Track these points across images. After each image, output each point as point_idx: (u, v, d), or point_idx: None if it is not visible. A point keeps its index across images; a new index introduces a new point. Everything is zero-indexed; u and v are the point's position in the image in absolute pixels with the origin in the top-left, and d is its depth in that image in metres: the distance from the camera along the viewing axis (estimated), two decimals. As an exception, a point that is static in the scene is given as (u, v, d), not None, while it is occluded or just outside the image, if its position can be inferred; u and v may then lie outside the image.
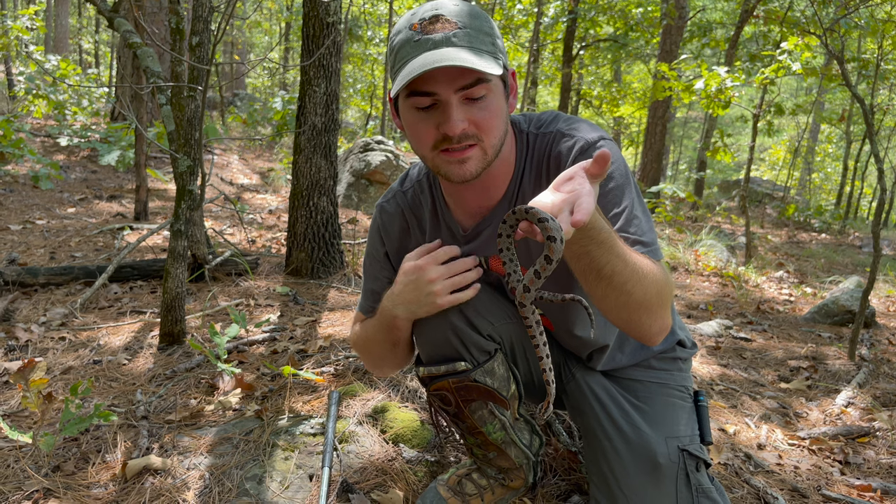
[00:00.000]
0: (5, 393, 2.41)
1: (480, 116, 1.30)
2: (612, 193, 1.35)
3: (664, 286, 1.29)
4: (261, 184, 8.74)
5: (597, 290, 1.25)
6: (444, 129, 1.29)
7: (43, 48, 12.19)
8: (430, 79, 1.26)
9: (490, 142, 1.33)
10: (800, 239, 10.44)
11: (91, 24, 22.58)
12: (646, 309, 1.28)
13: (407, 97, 1.32)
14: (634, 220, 1.34)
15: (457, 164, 1.33)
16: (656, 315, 1.31)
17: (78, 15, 22.07)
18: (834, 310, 4.38)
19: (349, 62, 18.02)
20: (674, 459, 1.48)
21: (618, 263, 1.19)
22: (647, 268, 1.25)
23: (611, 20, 13.81)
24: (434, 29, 1.27)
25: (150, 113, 7.89)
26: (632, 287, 1.22)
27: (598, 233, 1.15)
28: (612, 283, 1.21)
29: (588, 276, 1.22)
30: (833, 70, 5.97)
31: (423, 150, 1.36)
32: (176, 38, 2.86)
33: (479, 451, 1.70)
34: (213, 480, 1.80)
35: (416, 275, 1.41)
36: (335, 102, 4.00)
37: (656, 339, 1.36)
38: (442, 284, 1.39)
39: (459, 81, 1.26)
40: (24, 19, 10.67)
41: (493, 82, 1.30)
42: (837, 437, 2.44)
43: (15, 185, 6.51)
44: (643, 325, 1.32)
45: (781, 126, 18.87)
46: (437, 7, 1.30)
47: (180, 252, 2.80)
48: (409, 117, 1.35)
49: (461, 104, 1.28)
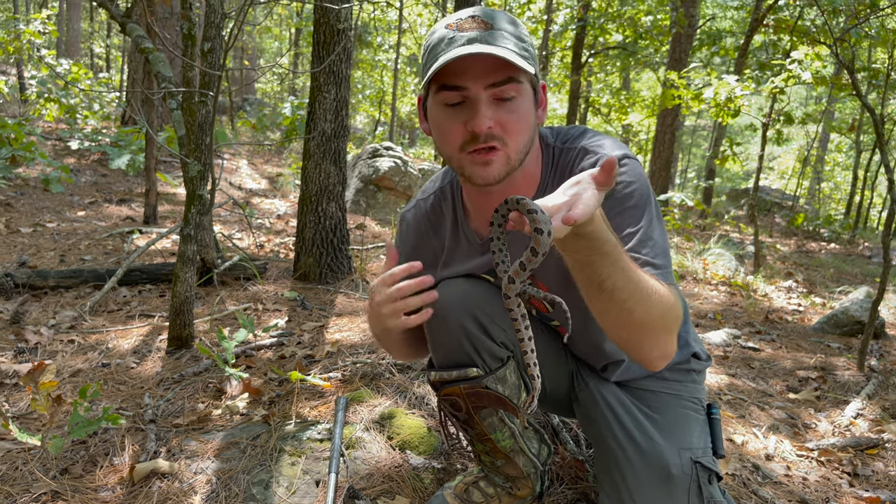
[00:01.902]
0: (15, 395, 2.42)
1: (508, 118, 1.29)
2: (629, 212, 1.33)
3: (670, 310, 1.26)
4: (270, 189, 8.77)
5: (597, 304, 1.23)
6: (472, 126, 1.28)
7: (55, 52, 12.28)
8: (461, 72, 1.26)
9: (514, 147, 1.32)
10: (809, 248, 10.39)
11: (103, 28, 22.75)
12: (647, 330, 1.25)
13: (437, 93, 1.32)
14: (648, 242, 1.32)
15: (481, 166, 1.32)
16: (658, 339, 1.28)
17: (90, 19, 22.24)
18: (843, 320, 4.35)
19: (358, 68, 18.09)
20: (686, 471, 1.47)
21: (620, 278, 1.17)
22: (653, 289, 1.22)
23: (620, 28, 13.82)
24: (470, 27, 1.28)
25: (161, 117, 7.94)
26: (633, 305, 1.19)
27: (602, 244, 1.13)
28: (613, 298, 1.18)
29: (589, 287, 1.21)
30: (843, 79, 5.94)
31: (450, 150, 1.35)
32: (188, 44, 2.88)
33: (487, 459, 1.70)
34: (220, 485, 1.81)
35: (370, 295, 1.40)
36: (345, 108, 4.01)
37: (657, 363, 1.33)
38: (388, 308, 1.35)
39: (490, 78, 1.27)
40: (37, 23, 10.75)
41: (523, 85, 1.30)
42: (846, 449, 2.43)
43: (26, 188, 6.55)
44: (643, 347, 1.29)
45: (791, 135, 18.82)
46: (474, 11, 1.32)
47: (189, 256, 2.81)
48: (436, 115, 1.35)
49: (490, 103, 1.28)
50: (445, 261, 1.62)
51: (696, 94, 6.69)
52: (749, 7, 12.61)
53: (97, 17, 22.40)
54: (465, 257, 1.58)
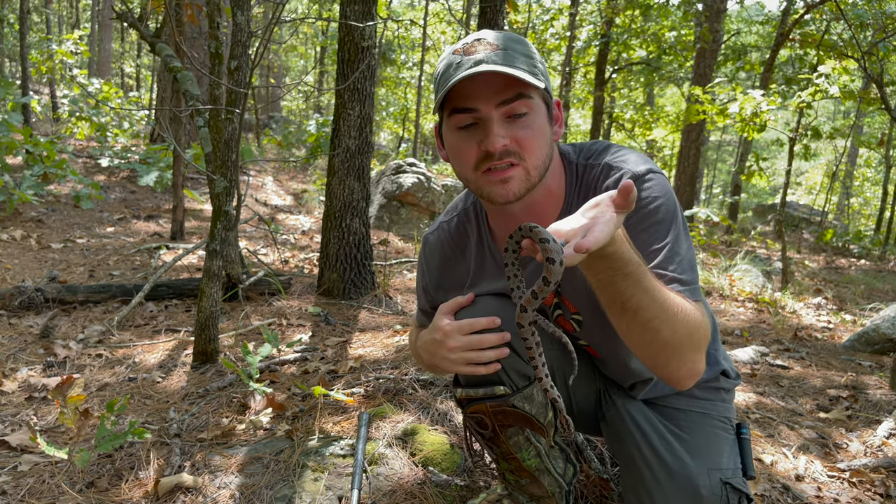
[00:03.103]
0: (43, 409, 2.45)
1: (522, 135, 1.29)
2: (655, 228, 1.32)
3: (697, 329, 1.24)
4: (294, 205, 8.85)
5: (621, 324, 1.22)
6: (485, 146, 1.28)
7: (87, 72, 12.55)
8: (470, 94, 1.27)
9: (533, 162, 1.31)
10: (838, 265, 10.22)
11: (133, 48, 23.23)
12: (673, 349, 1.23)
13: (449, 117, 1.32)
14: (675, 258, 1.30)
15: (499, 185, 1.31)
16: (685, 357, 1.26)
17: (121, 40, 22.73)
18: (874, 338, 4.27)
19: (382, 85, 18.25)
20: (716, 492, 1.44)
21: (644, 298, 1.15)
22: (679, 307, 1.20)
23: (643, 44, 13.82)
24: (475, 50, 1.28)
25: (189, 135, 8.07)
26: (658, 325, 1.18)
27: (624, 264, 1.12)
28: (637, 318, 1.17)
29: (613, 307, 1.20)
30: (871, 93, 5.87)
31: (466, 172, 1.35)
32: (215, 62, 2.92)
33: (511, 477, 1.68)
34: (243, 500, 1.81)
35: (439, 335, 1.38)
36: (369, 125, 4.04)
37: (685, 382, 1.31)
38: (459, 356, 1.36)
39: (500, 96, 1.27)
40: (69, 44, 11.02)
41: (534, 101, 1.30)
42: (879, 469, 2.37)
43: (57, 204, 6.68)
44: (670, 366, 1.27)
45: (818, 150, 18.60)
46: (479, 34, 1.33)
47: (215, 272, 2.84)
48: (451, 139, 1.35)
49: (503, 121, 1.28)
50: (472, 281, 1.61)
51: (721, 109, 6.64)
52: (774, 22, 12.54)
53: (128, 38, 22.89)
54: (493, 277, 1.56)
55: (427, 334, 1.44)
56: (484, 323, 1.36)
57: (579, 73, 17.22)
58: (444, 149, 1.42)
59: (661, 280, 1.22)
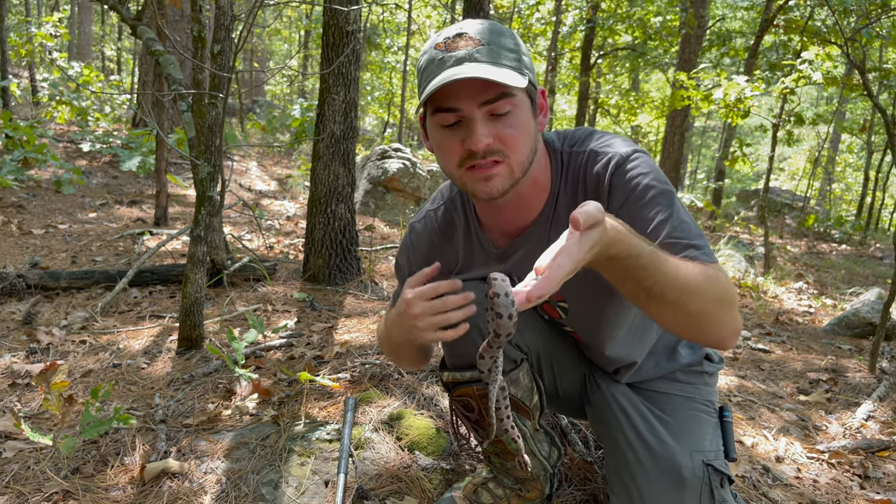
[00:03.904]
0: (27, 395, 2.44)
1: (506, 133, 1.28)
2: (655, 201, 1.31)
3: (724, 290, 1.24)
4: (279, 190, 8.80)
5: (651, 309, 1.21)
6: (469, 145, 1.27)
7: (66, 55, 12.35)
8: (452, 94, 1.26)
9: (517, 159, 1.31)
10: (820, 250, 10.33)
11: (114, 31, 22.90)
12: (706, 318, 1.23)
13: (433, 115, 1.32)
14: (682, 225, 1.30)
15: (483, 182, 1.31)
16: (721, 321, 1.25)
17: (101, 22, 22.39)
18: (854, 322, 4.33)
19: (367, 70, 18.13)
20: (699, 474, 1.46)
21: (666, 281, 1.15)
22: (701, 277, 1.20)
23: (629, 29, 13.80)
24: (457, 46, 1.27)
25: (171, 119, 7.98)
26: (686, 300, 1.18)
27: (636, 258, 1.12)
28: (665, 301, 1.17)
29: (638, 297, 1.19)
30: (854, 80, 5.91)
31: (451, 168, 1.35)
32: (198, 46, 2.90)
33: (497, 461, 1.70)
34: (229, 485, 1.82)
35: (404, 306, 1.36)
36: (354, 110, 4.02)
37: (730, 341, 1.29)
38: (426, 321, 1.32)
39: (482, 96, 1.25)
40: (48, 26, 10.84)
41: (518, 98, 1.29)
42: (857, 451, 2.41)
43: (38, 189, 6.60)
44: (710, 332, 1.26)
45: (801, 136, 18.74)
46: (461, 27, 1.31)
47: (199, 257, 2.82)
48: (435, 136, 1.34)
49: (486, 120, 1.27)
50: (461, 269, 1.61)
51: (705, 94, 6.66)
52: (759, 7, 12.57)
53: (108, 20, 22.56)
54: (482, 266, 1.56)
55: (394, 311, 1.42)
56: (446, 286, 1.33)
57: (565, 59, 17.18)
58: (430, 142, 1.41)
59: (674, 249, 1.22)
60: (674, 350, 1.67)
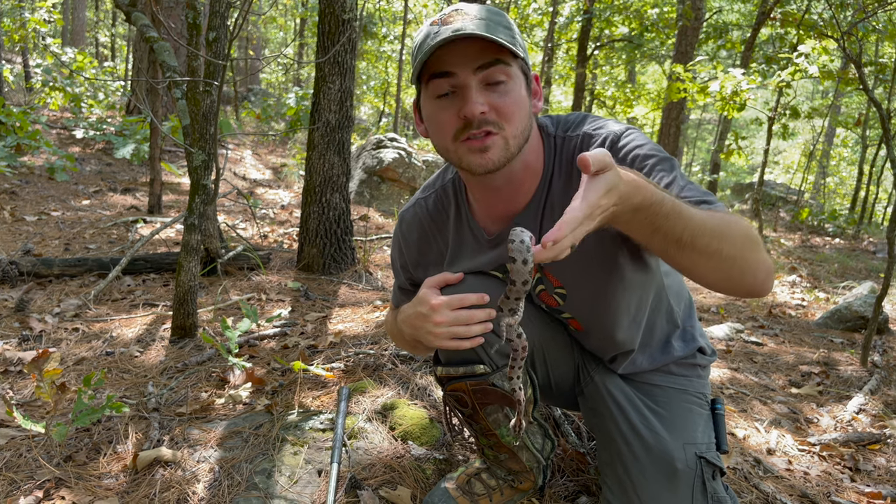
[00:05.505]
0: (19, 382, 2.43)
1: (501, 102, 1.28)
2: (659, 166, 1.31)
3: (748, 231, 1.22)
4: (273, 179, 8.77)
5: (684, 261, 1.19)
6: (464, 112, 1.27)
7: (60, 41, 12.27)
8: (447, 60, 1.26)
9: (511, 131, 1.30)
10: (813, 243, 10.36)
11: (108, 17, 22.72)
12: (740, 259, 1.20)
13: (427, 85, 1.31)
14: (689, 185, 1.29)
15: (478, 154, 1.30)
16: (755, 262, 1.23)
17: (95, 8, 22.21)
18: (847, 315, 4.35)
19: (363, 59, 18.05)
20: (691, 466, 1.47)
21: (694, 226, 1.13)
22: (725, 220, 1.18)
23: (626, 20, 13.76)
24: (453, 20, 1.27)
25: (166, 107, 7.94)
26: (718, 244, 1.15)
27: (659, 206, 1.10)
28: (696, 248, 1.15)
29: (669, 250, 1.17)
30: (850, 73, 5.91)
31: (445, 142, 1.34)
32: (192, 33, 2.87)
33: (490, 453, 1.70)
34: (222, 473, 1.82)
35: (425, 309, 1.36)
36: (349, 99, 4.01)
37: (767, 285, 1.27)
38: (445, 330, 1.34)
39: (477, 61, 1.26)
40: (42, 12, 10.74)
41: (512, 69, 1.29)
42: (848, 444, 2.43)
43: (31, 176, 6.57)
44: (745, 278, 1.24)
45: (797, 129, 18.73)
46: (458, 6, 1.31)
47: (193, 246, 2.81)
48: (429, 109, 1.34)
49: (481, 88, 1.27)
50: (451, 258, 1.60)
51: (701, 87, 6.66)
52: (756, 0, 12.54)
53: (102, 6, 22.37)
54: (473, 253, 1.56)
55: (411, 308, 1.42)
56: (473, 299, 1.35)
57: (561, 50, 17.14)
58: (423, 123, 1.40)
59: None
60: (667, 343, 1.67)
